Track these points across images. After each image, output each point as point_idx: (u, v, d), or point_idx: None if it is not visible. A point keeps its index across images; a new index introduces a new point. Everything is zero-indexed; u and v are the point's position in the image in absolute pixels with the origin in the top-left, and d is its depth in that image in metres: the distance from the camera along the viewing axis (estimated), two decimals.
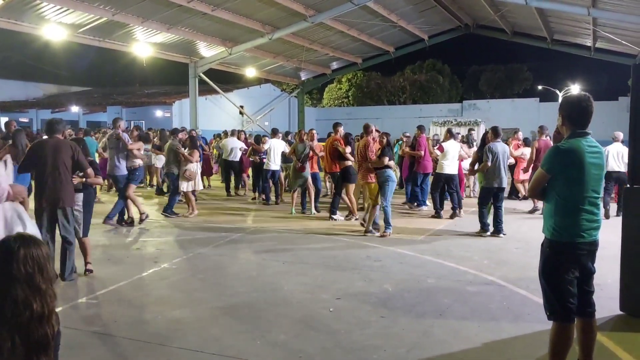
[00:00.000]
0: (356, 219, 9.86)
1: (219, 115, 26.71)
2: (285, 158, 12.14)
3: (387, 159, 8.45)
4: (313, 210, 10.70)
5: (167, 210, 10.23)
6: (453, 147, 10.70)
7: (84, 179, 5.97)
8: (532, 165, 10.73)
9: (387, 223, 8.50)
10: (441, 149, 10.76)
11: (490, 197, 8.61)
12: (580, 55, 25.01)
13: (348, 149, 9.90)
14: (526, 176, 11.76)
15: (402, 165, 13.09)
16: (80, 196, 6.07)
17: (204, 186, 13.55)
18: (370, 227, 8.63)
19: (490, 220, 8.69)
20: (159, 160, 13.43)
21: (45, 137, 6.29)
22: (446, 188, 10.59)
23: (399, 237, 8.47)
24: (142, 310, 4.98)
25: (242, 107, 28.77)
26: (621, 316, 4.76)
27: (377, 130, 9.59)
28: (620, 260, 4.80)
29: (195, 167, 10.40)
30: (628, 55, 21.54)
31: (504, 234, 8.56)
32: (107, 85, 42.22)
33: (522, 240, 8.18)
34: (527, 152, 11.95)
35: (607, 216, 9.44)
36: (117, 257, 7.09)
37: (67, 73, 40.34)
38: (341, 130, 10.37)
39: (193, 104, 22.96)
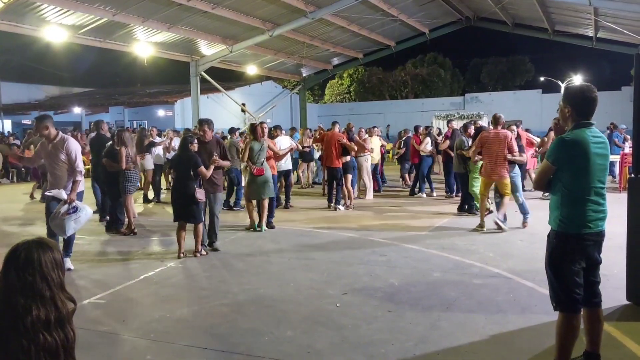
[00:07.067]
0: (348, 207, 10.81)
1: (221, 113, 26.69)
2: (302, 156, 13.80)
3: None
4: (264, 227, 8.81)
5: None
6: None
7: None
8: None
9: (523, 213, 8.72)
10: None
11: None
12: (582, 46, 24.88)
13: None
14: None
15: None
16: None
17: None
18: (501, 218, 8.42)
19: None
20: (147, 162, 12.17)
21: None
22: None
23: (403, 231, 8.48)
24: (149, 309, 5.01)
25: (244, 104, 28.77)
26: (628, 306, 4.77)
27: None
28: (626, 250, 4.80)
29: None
30: (630, 44, 21.41)
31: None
32: (109, 86, 42.24)
33: (527, 233, 8.17)
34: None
35: None
36: (124, 257, 7.14)
37: (68, 74, 40.37)
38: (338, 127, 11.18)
39: (195, 102, 22.97)
